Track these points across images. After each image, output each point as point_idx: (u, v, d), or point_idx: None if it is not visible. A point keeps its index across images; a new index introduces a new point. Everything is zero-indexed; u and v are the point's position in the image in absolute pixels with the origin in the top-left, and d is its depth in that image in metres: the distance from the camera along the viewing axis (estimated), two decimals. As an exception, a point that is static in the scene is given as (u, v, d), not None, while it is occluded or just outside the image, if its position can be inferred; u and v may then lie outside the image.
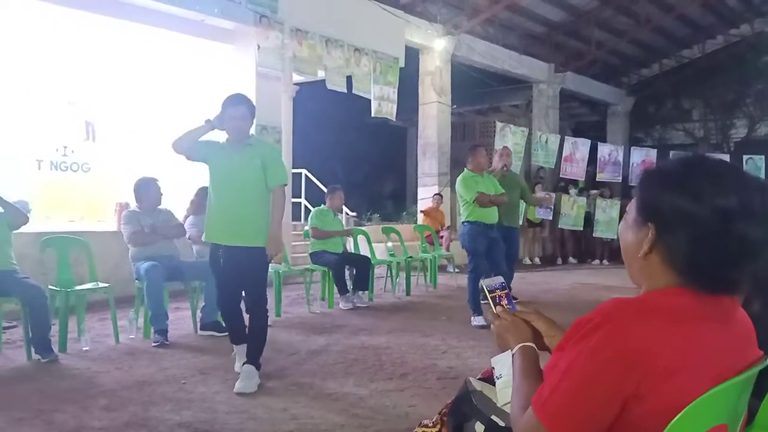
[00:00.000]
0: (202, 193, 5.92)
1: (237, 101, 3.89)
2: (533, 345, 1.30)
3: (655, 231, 1.09)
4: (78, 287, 4.95)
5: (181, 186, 7.01)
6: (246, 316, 4.10)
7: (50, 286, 4.76)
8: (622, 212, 1.28)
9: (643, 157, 12.29)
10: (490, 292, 1.48)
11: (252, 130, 4.14)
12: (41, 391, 3.69)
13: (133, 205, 5.58)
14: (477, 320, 5.61)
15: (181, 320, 5.66)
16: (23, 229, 4.84)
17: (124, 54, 8.34)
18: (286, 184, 3.96)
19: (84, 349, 4.68)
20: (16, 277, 4.50)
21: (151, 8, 7.16)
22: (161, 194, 5.37)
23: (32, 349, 4.38)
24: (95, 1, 6.83)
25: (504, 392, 1.30)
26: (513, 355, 1.29)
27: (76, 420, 3.19)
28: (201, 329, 5.27)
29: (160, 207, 5.38)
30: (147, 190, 5.29)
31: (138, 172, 5.94)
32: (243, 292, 4.09)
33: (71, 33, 7.71)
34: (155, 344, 4.79)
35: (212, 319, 5.22)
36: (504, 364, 1.32)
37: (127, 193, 7.84)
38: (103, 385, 3.81)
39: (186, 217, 5.85)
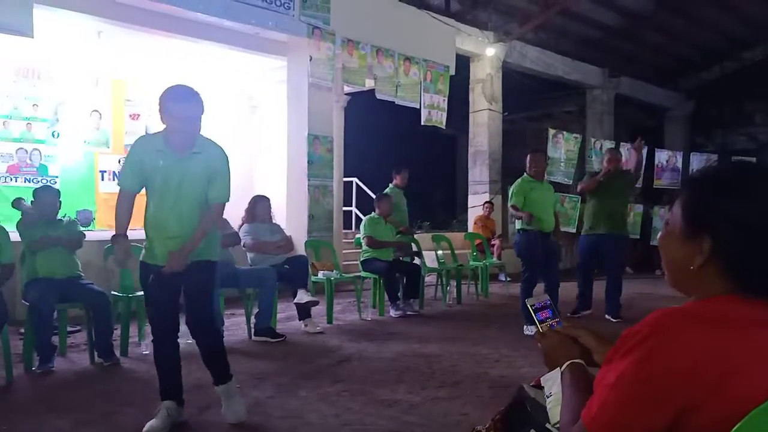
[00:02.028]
0: (256, 201, 6.07)
1: (187, 96, 3.13)
2: (582, 362, 1.29)
3: (713, 240, 1.05)
4: (139, 293, 5.12)
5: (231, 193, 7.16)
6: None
7: (113, 292, 4.94)
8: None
9: (703, 162, 11.88)
10: (535, 310, 1.46)
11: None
12: (103, 394, 3.82)
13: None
14: (530, 329, 5.52)
15: (236, 326, 5.79)
16: (88, 237, 5.06)
17: (182, 68, 8.62)
18: (226, 202, 3.38)
19: (144, 353, 4.83)
20: (81, 283, 4.70)
21: (207, 23, 7.37)
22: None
23: (95, 353, 4.55)
24: (154, 18, 7.06)
25: (554, 411, 1.28)
26: (562, 373, 1.28)
27: (137, 422, 3.28)
28: (255, 335, 5.37)
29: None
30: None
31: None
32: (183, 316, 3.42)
33: (131, 49, 8.01)
34: (211, 349, 4.90)
35: (266, 325, 5.32)
36: (554, 383, 1.31)
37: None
38: (161, 388, 3.92)
39: (241, 225, 5.97)
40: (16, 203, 4.93)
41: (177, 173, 3.17)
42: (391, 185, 7.97)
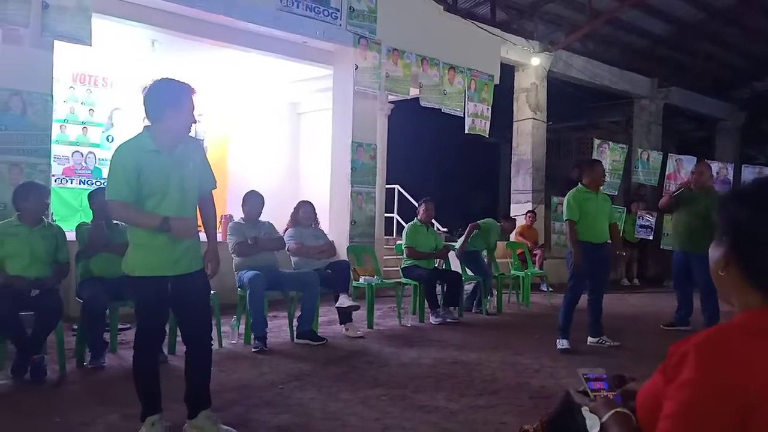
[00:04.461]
0: (300, 206, 6.17)
1: (190, 88, 3.05)
2: (628, 411, 1.24)
3: (730, 245, 1.12)
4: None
5: (277, 198, 7.30)
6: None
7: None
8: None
9: (755, 175, 11.55)
10: (587, 380, 1.36)
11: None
12: (152, 389, 3.93)
13: (237, 217, 5.89)
14: (562, 343, 5.27)
15: (279, 328, 5.89)
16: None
17: (231, 76, 8.83)
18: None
19: (190, 351, 4.96)
20: (131, 282, 4.84)
21: (257, 32, 7.53)
22: (262, 206, 5.63)
23: (144, 350, 4.69)
24: (207, 28, 7.25)
25: None
26: (604, 423, 1.23)
27: (183, 417, 3.38)
28: (297, 338, 5.46)
29: (261, 220, 5.64)
30: (249, 202, 5.58)
31: (243, 186, 6.23)
32: (185, 327, 3.27)
33: (184, 57, 8.24)
34: (255, 350, 5.01)
35: (308, 329, 5.41)
36: (595, 424, 1.25)
37: (227, 207, 8.27)
38: (207, 387, 4.02)
39: (285, 230, 6.08)
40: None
41: (176, 172, 3.00)
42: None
